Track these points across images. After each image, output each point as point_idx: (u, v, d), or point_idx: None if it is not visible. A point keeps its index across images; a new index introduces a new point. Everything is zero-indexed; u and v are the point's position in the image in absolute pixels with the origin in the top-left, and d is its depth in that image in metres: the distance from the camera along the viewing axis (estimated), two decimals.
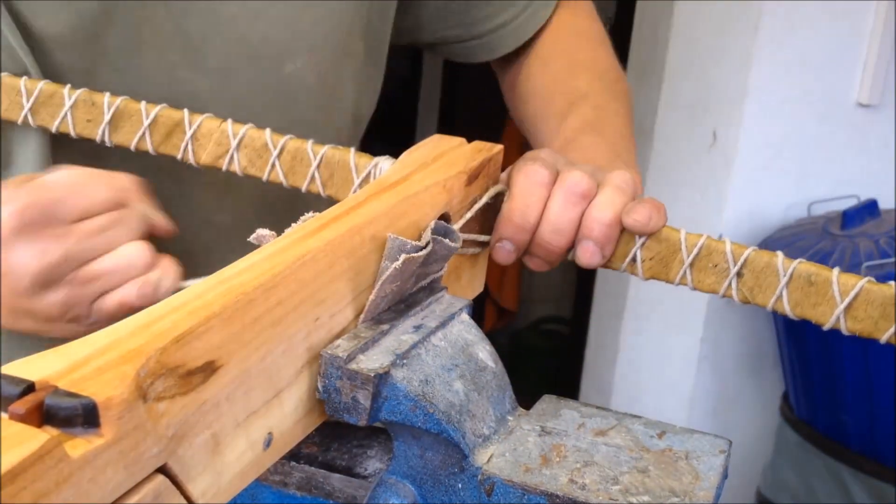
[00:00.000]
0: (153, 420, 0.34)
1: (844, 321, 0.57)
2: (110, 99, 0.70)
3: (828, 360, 1.81)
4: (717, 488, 0.44)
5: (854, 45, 1.85)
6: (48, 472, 0.29)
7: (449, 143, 0.61)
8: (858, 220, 1.81)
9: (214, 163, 0.69)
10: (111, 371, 0.33)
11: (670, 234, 0.61)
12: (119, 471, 0.32)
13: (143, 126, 0.70)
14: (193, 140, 0.69)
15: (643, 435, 0.47)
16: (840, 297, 0.57)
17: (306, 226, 0.46)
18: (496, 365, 0.49)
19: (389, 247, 0.48)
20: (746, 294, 0.60)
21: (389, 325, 0.47)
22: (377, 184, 0.53)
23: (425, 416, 0.44)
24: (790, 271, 0.58)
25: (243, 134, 0.68)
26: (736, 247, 0.60)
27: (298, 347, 0.42)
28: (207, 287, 0.39)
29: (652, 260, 0.62)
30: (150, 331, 0.35)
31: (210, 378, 0.37)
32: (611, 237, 0.61)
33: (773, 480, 2.00)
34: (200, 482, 0.36)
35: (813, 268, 0.58)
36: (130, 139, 0.70)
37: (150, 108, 0.69)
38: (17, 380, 0.31)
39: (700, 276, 0.61)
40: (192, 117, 0.69)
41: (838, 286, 0.57)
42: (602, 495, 0.42)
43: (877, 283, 0.57)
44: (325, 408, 0.44)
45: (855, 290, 0.57)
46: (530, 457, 0.44)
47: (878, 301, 0.56)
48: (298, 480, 0.47)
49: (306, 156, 0.67)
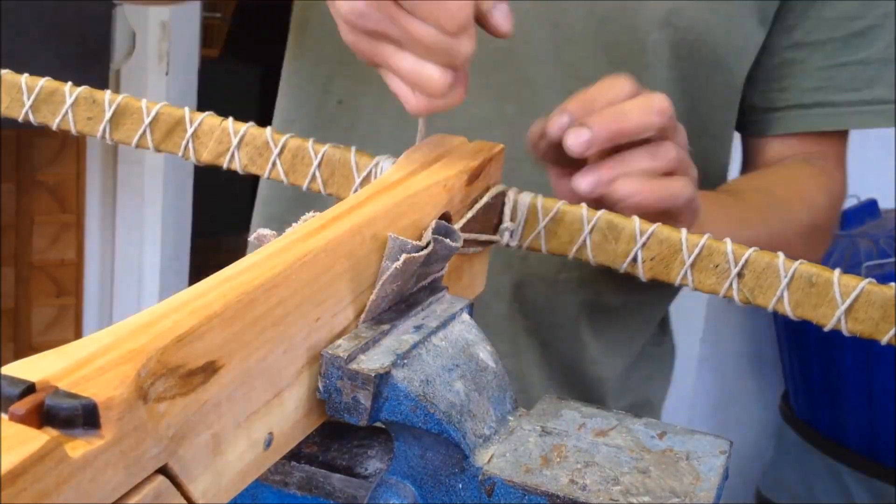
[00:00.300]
0: (154, 420, 0.33)
1: (845, 322, 0.57)
2: (111, 96, 0.70)
3: (828, 360, 1.81)
4: (717, 489, 0.44)
5: None
6: (48, 472, 0.29)
7: (450, 142, 0.61)
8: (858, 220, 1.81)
9: (215, 161, 0.69)
10: (112, 371, 0.33)
11: (671, 234, 0.61)
12: (119, 471, 0.32)
13: (144, 124, 0.70)
14: (194, 138, 0.69)
15: (644, 435, 0.47)
16: (841, 299, 0.57)
17: (307, 226, 0.46)
18: (497, 365, 0.49)
19: (390, 247, 0.48)
20: (747, 295, 0.60)
21: (390, 325, 0.47)
22: (378, 183, 0.53)
23: (426, 417, 0.43)
24: (791, 272, 0.58)
25: (244, 132, 0.68)
26: (737, 247, 0.60)
27: (299, 347, 0.42)
28: (208, 286, 0.39)
29: (653, 260, 0.62)
30: (150, 331, 0.35)
31: (211, 378, 0.37)
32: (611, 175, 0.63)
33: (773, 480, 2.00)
34: (201, 482, 0.36)
35: (814, 269, 0.58)
36: (132, 137, 0.70)
37: (151, 106, 0.69)
38: (18, 380, 0.31)
39: (701, 276, 0.61)
40: (192, 115, 0.69)
41: (839, 287, 0.57)
42: (603, 496, 0.42)
43: (878, 284, 0.57)
44: (326, 408, 0.44)
45: (856, 291, 0.57)
46: (531, 457, 0.44)
47: (878, 302, 0.56)
48: (299, 480, 0.47)
49: (307, 154, 0.67)
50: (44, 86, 0.70)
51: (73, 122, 0.70)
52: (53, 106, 0.70)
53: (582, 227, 0.63)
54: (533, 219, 0.63)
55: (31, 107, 0.70)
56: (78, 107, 0.70)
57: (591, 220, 0.62)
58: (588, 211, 0.63)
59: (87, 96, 0.70)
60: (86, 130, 0.70)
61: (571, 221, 0.63)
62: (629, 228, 0.62)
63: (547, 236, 0.63)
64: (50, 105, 0.70)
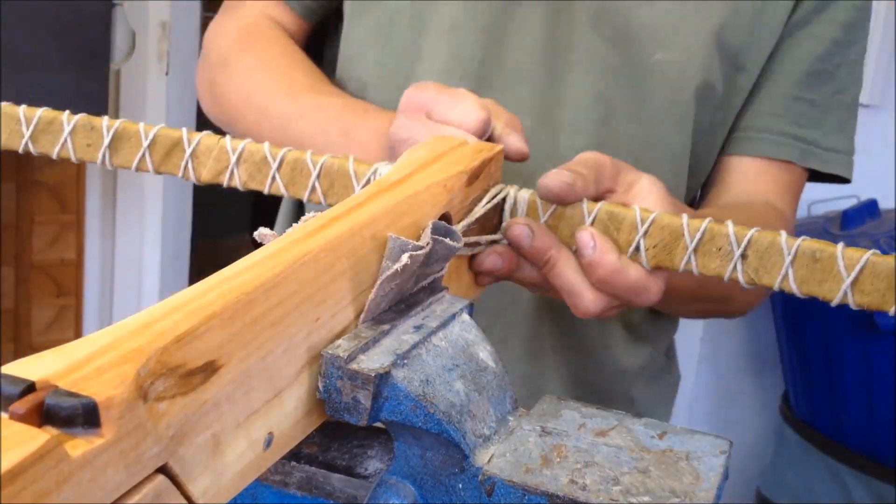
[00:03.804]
0: (154, 420, 0.33)
1: (852, 295, 0.57)
2: (109, 122, 0.70)
3: (828, 360, 1.81)
4: (717, 489, 0.44)
5: None
6: (48, 472, 0.29)
7: (450, 142, 0.61)
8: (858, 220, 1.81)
9: (215, 179, 0.69)
10: (112, 371, 0.33)
11: (672, 221, 0.61)
12: (119, 471, 0.32)
13: (143, 147, 0.70)
14: (193, 157, 0.69)
15: (644, 435, 0.47)
16: (846, 272, 0.57)
17: (307, 225, 0.46)
18: (497, 365, 0.49)
19: (391, 246, 0.48)
20: (752, 275, 0.59)
21: (390, 325, 0.47)
22: (378, 184, 0.53)
23: (426, 417, 0.43)
24: (794, 249, 0.58)
25: (242, 148, 0.68)
26: (739, 228, 0.59)
27: (299, 347, 0.42)
28: (208, 286, 0.39)
29: (655, 248, 0.61)
30: (150, 330, 0.35)
31: (210, 378, 0.37)
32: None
33: (773, 480, 2.00)
34: (201, 482, 0.36)
35: (817, 244, 0.58)
36: (131, 160, 0.70)
37: (149, 129, 0.70)
38: (18, 379, 0.31)
39: (704, 260, 0.60)
40: (190, 135, 0.69)
41: (843, 261, 0.57)
42: (603, 496, 0.42)
43: (882, 255, 0.57)
44: (326, 408, 0.44)
45: (860, 263, 0.56)
46: (531, 457, 0.44)
47: (884, 273, 0.56)
48: (299, 480, 0.47)
49: (306, 166, 0.67)
50: (41, 115, 0.70)
51: (72, 150, 0.70)
52: (52, 135, 0.71)
53: (583, 220, 0.63)
54: (533, 215, 0.63)
55: (30, 137, 0.70)
56: (76, 134, 0.70)
57: (591, 213, 0.62)
58: (588, 203, 0.63)
59: (84, 123, 0.70)
60: (86, 157, 0.71)
61: (572, 216, 0.63)
62: (630, 218, 0.62)
63: None
64: (48, 134, 0.71)
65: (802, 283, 0.58)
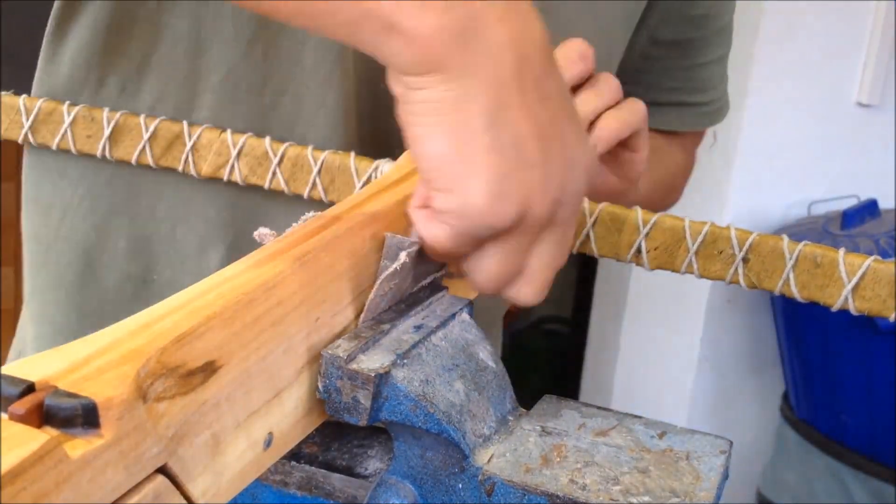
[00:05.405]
0: (153, 420, 0.33)
1: (853, 301, 0.57)
2: (109, 114, 0.70)
3: (828, 360, 1.81)
4: (717, 489, 0.44)
5: (854, 45, 1.85)
6: (48, 472, 0.29)
7: None
8: (858, 220, 1.81)
9: (215, 173, 0.69)
10: (111, 371, 0.33)
11: (674, 223, 0.61)
12: (119, 471, 0.32)
13: (143, 140, 0.69)
14: (194, 151, 0.69)
15: (644, 435, 0.47)
16: (847, 278, 0.57)
17: (307, 225, 0.46)
18: (496, 365, 0.49)
19: (388, 245, 0.48)
20: (753, 279, 0.59)
21: (390, 324, 0.47)
22: (378, 183, 0.53)
23: (426, 416, 0.43)
24: (796, 254, 0.58)
25: (243, 143, 0.68)
26: (740, 232, 0.59)
27: (299, 347, 0.42)
28: (208, 286, 0.39)
29: (657, 250, 0.61)
30: (150, 331, 0.35)
31: (210, 378, 0.37)
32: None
33: (773, 480, 2.00)
34: (200, 482, 0.36)
35: (819, 249, 0.58)
36: (131, 153, 0.70)
37: (150, 122, 0.69)
38: (17, 380, 0.31)
39: (706, 263, 0.60)
40: (191, 129, 0.69)
41: (845, 266, 0.57)
42: (603, 495, 0.42)
43: (883, 261, 0.57)
44: (326, 408, 0.44)
45: (862, 269, 0.56)
46: (531, 457, 0.44)
47: (885, 279, 0.56)
48: (299, 480, 0.47)
49: (307, 162, 0.67)
50: (42, 106, 0.70)
51: (72, 141, 0.70)
52: (52, 126, 0.70)
53: (584, 219, 0.63)
54: None
55: (30, 128, 0.70)
56: (77, 125, 0.70)
57: (592, 213, 0.62)
58: (589, 204, 0.62)
59: (85, 114, 0.70)
60: (86, 149, 0.70)
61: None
62: (632, 219, 0.61)
63: None
64: (49, 125, 0.70)
65: (804, 287, 0.58)
